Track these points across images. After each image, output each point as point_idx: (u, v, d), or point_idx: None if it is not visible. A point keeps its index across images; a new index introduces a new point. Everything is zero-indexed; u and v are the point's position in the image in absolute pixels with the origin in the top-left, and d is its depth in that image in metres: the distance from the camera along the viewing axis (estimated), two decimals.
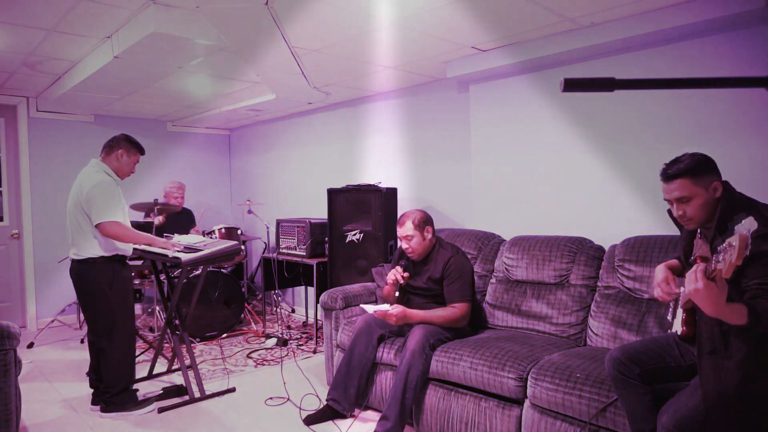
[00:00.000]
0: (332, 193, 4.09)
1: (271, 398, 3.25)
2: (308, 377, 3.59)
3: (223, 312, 4.65)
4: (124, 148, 3.07)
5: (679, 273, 1.99)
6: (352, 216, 4.02)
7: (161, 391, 3.25)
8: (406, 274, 2.92)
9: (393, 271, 2.93)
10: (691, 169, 1.76)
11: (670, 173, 1.79)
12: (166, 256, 3.03)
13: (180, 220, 5.08)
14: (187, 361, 3.31)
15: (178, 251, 3.05)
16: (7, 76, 4.28)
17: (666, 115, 2.82)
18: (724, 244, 1.40)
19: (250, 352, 4.20)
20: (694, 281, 1.47)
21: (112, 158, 3.06)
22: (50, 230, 5.13)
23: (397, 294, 2.92)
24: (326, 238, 4.18)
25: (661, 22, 2.61)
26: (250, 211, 5.16)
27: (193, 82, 4.25)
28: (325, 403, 2.94)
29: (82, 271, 2.96)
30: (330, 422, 2.86)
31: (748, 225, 1.34)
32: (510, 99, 3.52)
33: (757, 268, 1.56)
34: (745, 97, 2.54)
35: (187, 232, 5.05)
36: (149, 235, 3.13)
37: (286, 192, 5.71)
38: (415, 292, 3.03)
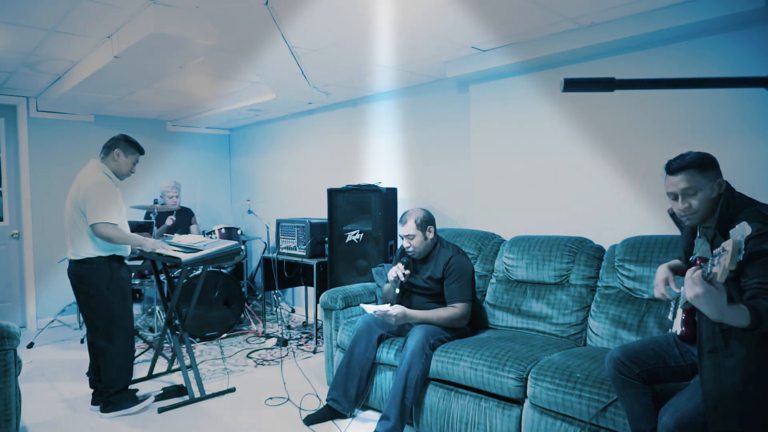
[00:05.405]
0: (332, 193, 4.09)
1: (271, 398, 3.25)
2: (308, 377, 3.59)
3: (223, 312, 4.65)
4: (120, 148, 3.07)
5: (681, 273, 1.99)
6: (352, 216, 4.02)
7: (161, 391, 3.25)
8: (407, 271, 2.92)
9: (394, 268, 2.93)
10: (698, 163, 1.77)
11: (675, 166, 1.80)
12: (167, 255, 3.03)
13: (179, 219, 5.08)
14: (187, 361, 3.31)
15: (177, 250, 3.05)
16: (7, 76, 4.28)
17: (666, 115, 2.82)
18: (719, 249, 1.40)
19: (250, 352, 4.20)
20: (691, 286, 1.47)
21: (110, 159, 3.07)
22: (50, 230, 5.13)
23: (397, 291, 2.92)
24: (326, 238, 4.17)
25: (661, 22, 2.60)
26: (250, 211, 5.16)
27: (193, 82, 4.25)
28: (325, 403, 2.94)
29: (80, 272, 2.97)
30: (330, 422, 2.86)
31: (741, 230, 1.35)
32: (510, 99, 3.52)
33: (756, 268, 1.56)
34: (745, 97, 2.54)
35: (187, 232, 5.06)
36: (140, 236, 3.11)
37: (286, 192, 5.71)
38: (415, 291, 3.03)
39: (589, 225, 3.12)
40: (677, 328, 1.88)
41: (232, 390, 3.37)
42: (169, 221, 4.81)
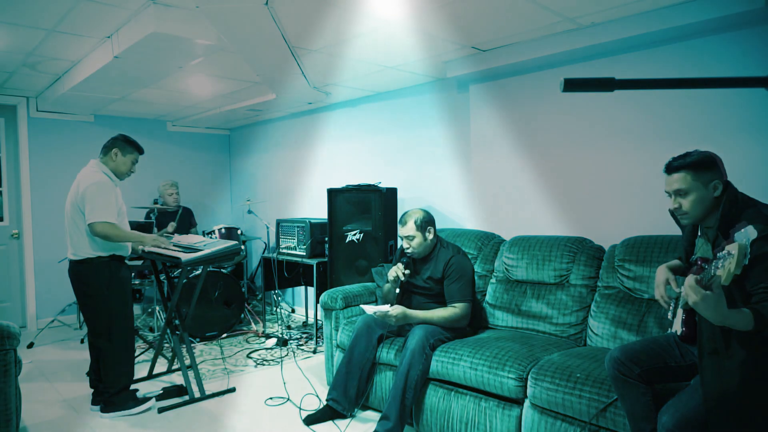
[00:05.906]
0: (332, 193, 4.09)
1: (271, 398, 3.25)
2: (308, 377, 3.59)
3: (223, 312, 4.65)
4: (118, 147, 3.07)
5: (680, 273, 1.99)
6: (352, 216, 4.02)
7: (161, 391, 3.25)
8: (407, 271, 2.92)
9: (394, 267, 2.93)
10: (694, 164, 1.78)
11: (672, 166, 1.82)
12: (167, 255, 3.03)
13: (179, 219, 5.08)
14: (187, 361, 3.30)
15: (177, 250, 3.06)
16: (7, 76, 4.28)
17: (666, 116, 2.82)
18: (723, 252, 1.40)
19: (250, 352, 4.20)
20: (689, 294, 1.47)
21: (108, 158, 3.07)
22: (50, 230, 5.13)
23: (397, 291, 2.92)
24: (326, 238, 4.18)
25: (661, 22, 2.61)
26: (250, 211, 5.16)
27: (193, 82, 4.25)
28: (325, 403, 2.94)
29: (80, 272, 2.96)
30: (330, 422, 2.86)
31: (746, 234, 1.34)
32: (510, 99, 3.52)
33: (761, 271, 1.55)
34: (745, 97, 2.54)
35: (187, 232, 5.06)
36: (138, 233, 3.13)
37: (286, 192, 5.71)
38: (415, 291, 3.03)
39: (589, 225, 3.12)
40: (677, 328, 1.88)
41: (232, 390, 3.37)
42: (170, 228, 4.78)
